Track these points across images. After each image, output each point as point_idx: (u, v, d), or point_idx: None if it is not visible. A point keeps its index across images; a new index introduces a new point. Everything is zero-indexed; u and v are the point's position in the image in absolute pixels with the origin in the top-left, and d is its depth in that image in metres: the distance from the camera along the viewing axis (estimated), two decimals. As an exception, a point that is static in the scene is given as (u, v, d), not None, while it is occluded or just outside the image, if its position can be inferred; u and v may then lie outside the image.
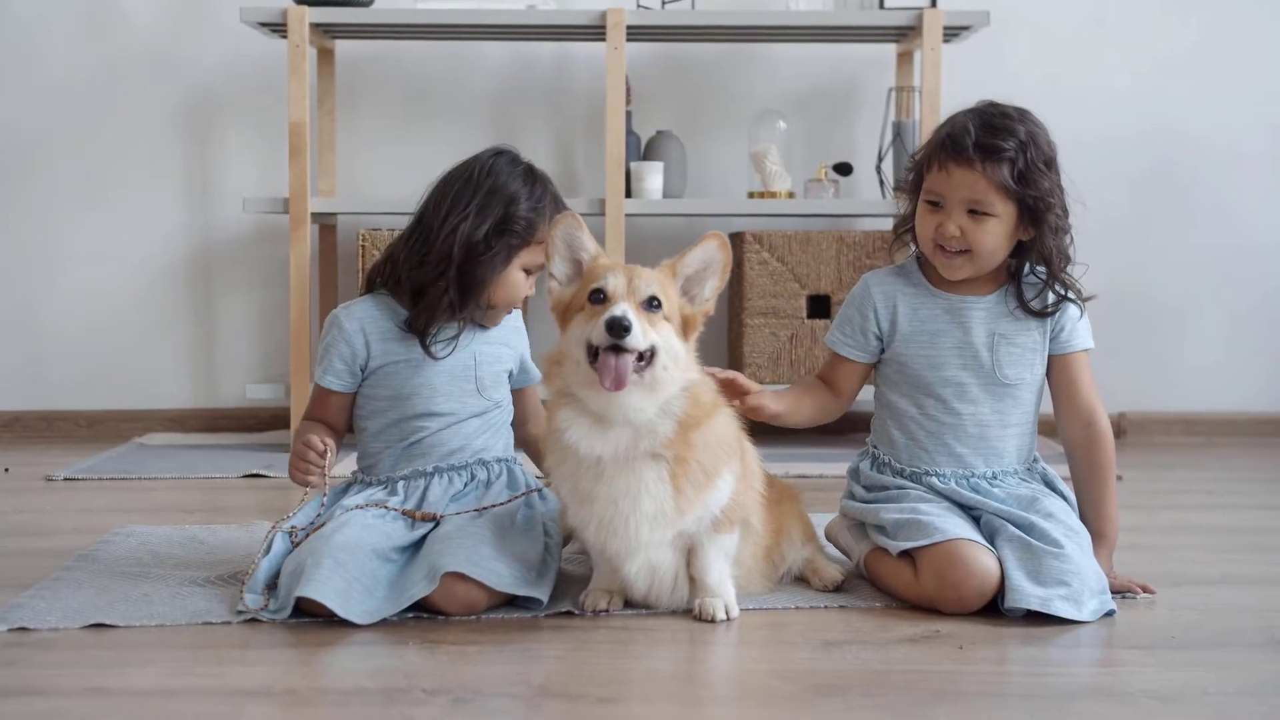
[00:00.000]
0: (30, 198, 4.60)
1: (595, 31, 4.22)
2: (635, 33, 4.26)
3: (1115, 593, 2.39)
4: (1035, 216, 2.41)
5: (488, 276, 2.48)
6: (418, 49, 4.62)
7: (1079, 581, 2.29)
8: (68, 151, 4.59)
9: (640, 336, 2.14)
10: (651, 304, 2.19)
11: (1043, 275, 2.47)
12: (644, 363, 2.17)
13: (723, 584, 2.31)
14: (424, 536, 2.41)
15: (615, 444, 2.20)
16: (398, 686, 1.95)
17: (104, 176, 4.60)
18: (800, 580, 2.54)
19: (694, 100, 4.66)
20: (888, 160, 4.38)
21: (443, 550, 2.29)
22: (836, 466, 3.56)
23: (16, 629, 2.20)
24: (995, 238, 2.41)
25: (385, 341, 2.51)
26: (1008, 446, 2.50)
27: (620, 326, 2.12)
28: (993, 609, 2.32)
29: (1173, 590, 2.50)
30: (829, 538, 2.69)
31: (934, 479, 2.47)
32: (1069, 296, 2.47)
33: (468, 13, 4.19)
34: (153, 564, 2.62)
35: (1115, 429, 2.82)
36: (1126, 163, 4.63)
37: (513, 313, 2.61)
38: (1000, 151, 2.37)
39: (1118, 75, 4.65)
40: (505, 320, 2.59)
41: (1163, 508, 3.39)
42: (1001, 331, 2.48)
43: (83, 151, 4.59)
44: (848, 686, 1.97)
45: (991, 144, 2.38)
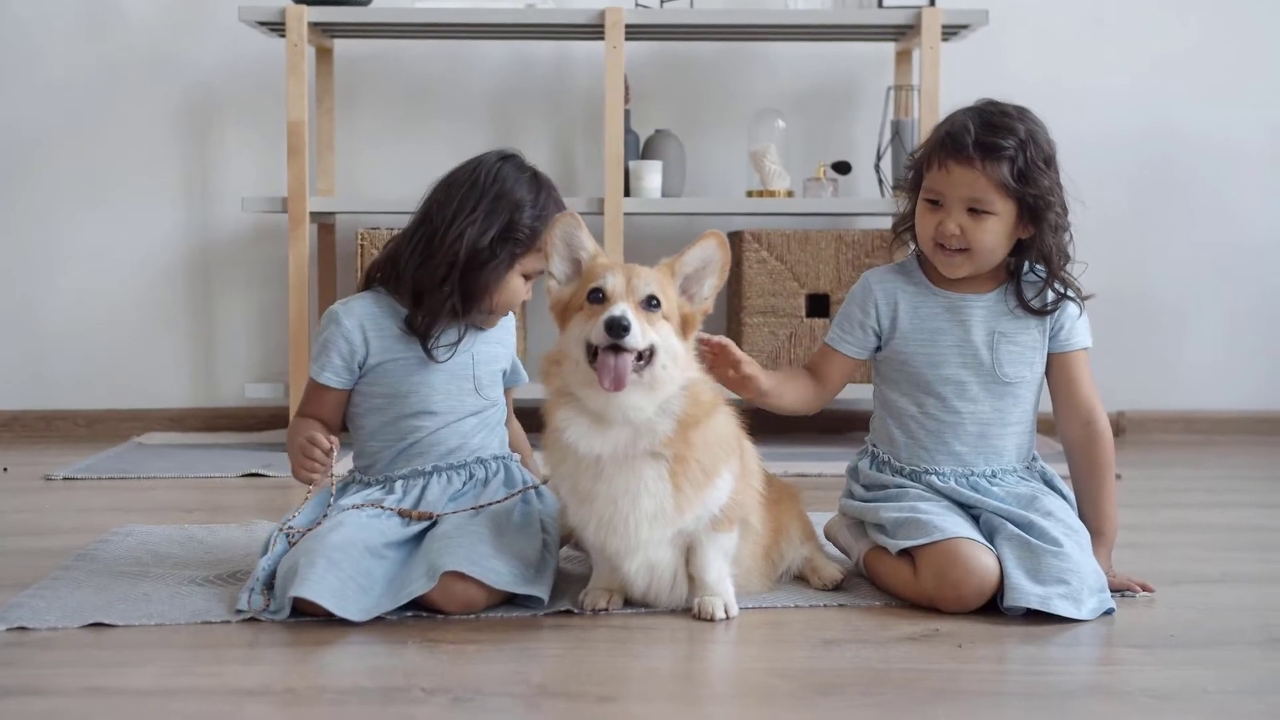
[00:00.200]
0: (29, 197, 4.59)
1: (594, 30, 4.22)
2: (634, 32, 4.26)
3: (1114, 591, 2.39)
4: (1035, 215, 2.41)
5: (491, 282, 2.48)
6: (416, 48, 4.61)
7: (1078, 580, 2.29)
8: (67, 151, 4.58)
9: (639, 336, 2.14)
10: (650, 303, 2.19)
11: (1042, 274, 2.47)
12: (643, 362, 2.16)
13: (722, 583, 2.31)
14: (421, 534, 2.41)
15: (614, 443, 2.20)
16: (397, 685, 1.95)
17: (103, 176, 4.59)
18: (799, 579, 2.54)
19: (693, 99, 4.66)
20: (886, 159, 4.38)
21: (442, 549, 2.29)
22: (835, 465, 3.55)
23: (15, 628, 2.20)
24: (995, 236, 2.41)
25: (384, 339, 2.50)
26: (1007, 445, 2.50)
27: (619, 326, 2.12)
28: (992, 608, 2.32)
29: (1172, 588, 2.49)
30: (828, 536, 2.69)
31: (933, 478, 2.47)
32: (1068, 295, 2.47)
33: (466, 12, 4.19)
34: (152, 563, 2.62)
35: (1115, 427, 2.81)
36: (1126, 161, 4.63)
37: (508, 313, 2.61)
38: (1000, 150, 2.37)
39: (1117, 74, 4.64)
40: (500, 320, 2.59)
41: (1162, 506, 3.39)
42: (1001, 330, 2.48)
43: (82, 151, 4.59)
44: (847, 685, 1.97)
45: (991, 142, 2.38)
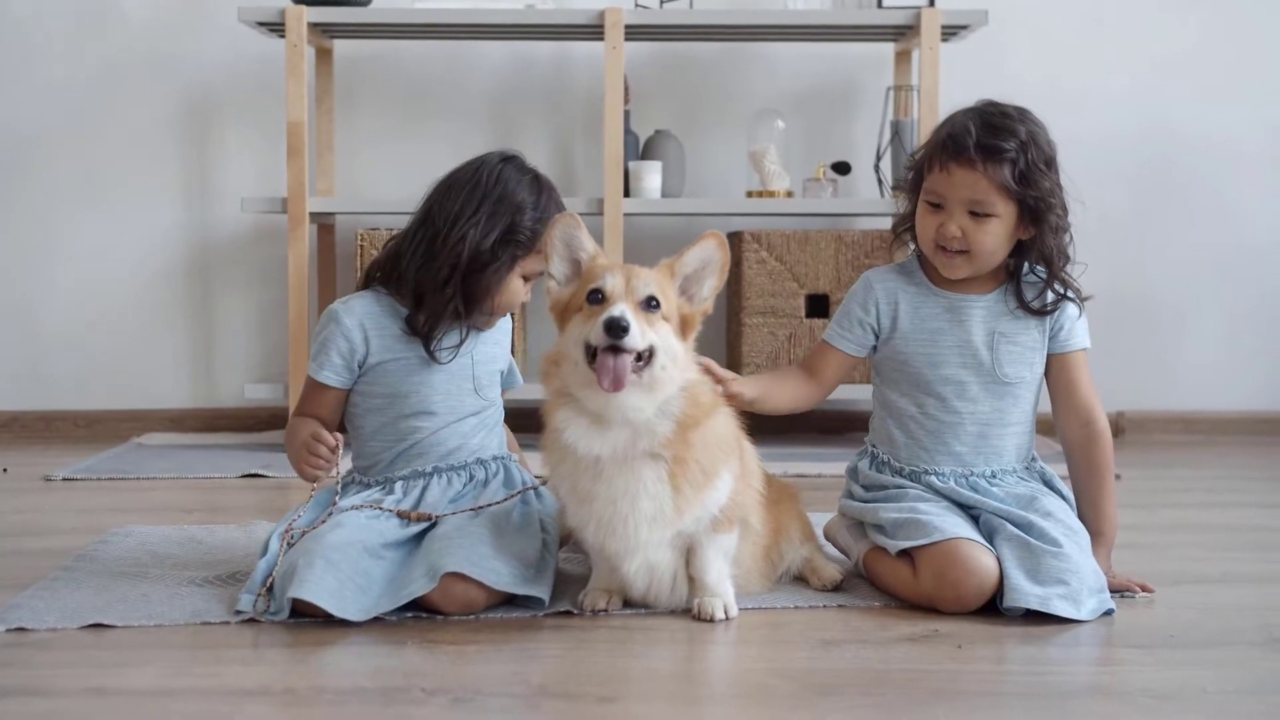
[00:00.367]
0: (29, 197, 4.59)
1: (593, 31, 4.22)
2: (633, 32, 4.26)
3: (1114, 592, 2.39)
4: (1036, 216, 2.41)
5: (492, 284, 2.48)
6: (416, 48, 4.62)
7: (1078, 580, 2.29)
8: (66, 151, 4.59)
9: (638, 337, 2.14)
10: (650, 304, 2.18)
11: (1042, 274, 2.47)
12: (642, 363, 2.16)
13: (721, 583, 2.31)
14: (420, 535, 2.40)
15: (614, 444, 2.20)
16: (396, 686, 1.95)
17: (102, 176, 4.60)
18: (799, 580, 2.53)
19: (692, 99, 4.66)
20: (886, 159, 4.38)
21: (442, 550, 2.29)
22: (835, 466, 3.56)
23: (15, 629, 2.20)
24: (996, 238, 2.41)
25: (384, 338, 2.50)
26: (1007, 445, 2.50)
27: (618, 327, 2.11)
28: (991, 608, 2.32)
29: (1171, 589, 2.49)
30: (828, 537, 2.69)
31: (933, 478, 2.47)
32: (1068, 295, 2.47)
33: (466, 12, 4.19)
34: (151, 564, 2.62)
35: (1114, 428, 2.82)
36: (1125, 162, 4.63)
37: (506, 314, 2.61)
38: (1001, 152, 2.37)
39: (1116, 75, 4.65)
40: (499, 321, 2.59)
41: (1161, 506, 3.39)
42: (1001, 330, 2.48)
43: (81, 151, 4.59)
44: (846, 686, 1.97)
45: (993, 144, 2.37)
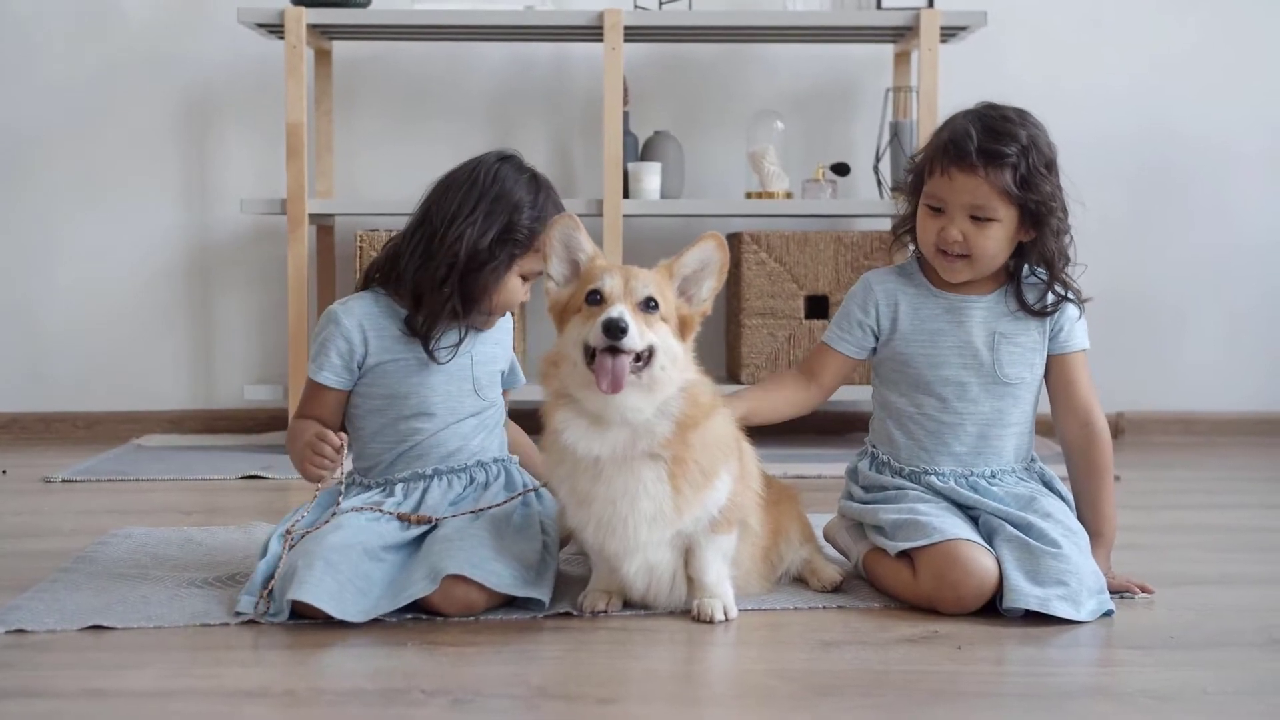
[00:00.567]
0: (28, 198, 4.59)
1: (593, 32, 4.22)
2: (633, 33, 4.26)
3: (1113, 593, 2.39)
4: (1037, 220, 2.41)
5: (490, 284, 2.48)
6: (415, 50, 4.62)
7: (1077, 581, 2.29)
8: (65, 152, 4.58)
9: (637, 338, 2.14)
10: (648, 305, 2.18)
11: (1043, 275, 2.47)
12: (641, 363, 2.16)
13: (721, 584, 2.31)
14: (420, 537, 2.40)
15: (613, 444, 2.20)
16: (396, 687, 1.95)
17: (102, 177, 4.59)
18: (799, 581, 2.53)
19: (692, 101, 4.66)
20: (885, 160, 4.38)
21: (443, 551, 2.29)
22: (835, 467, 3.56)
23: (14, 631, 2.20)
24: (997, 242, 2.41)
25: (383, 339, 2.50)
26: (1006, 446, 2.50)
27: (617, 328, 2.11)
28: (991, 609, 2.32)
29: (1171, 590, 2.49)
30: (827, 538, 2.69)
31: (933, 478, 2.47)
32: (1068, 297, 2.47)
33: (465, 13, 4.19)
34: (151, 565, 2.62)
35: (1114, 429, 2.82)
36: (1124, 163, 4.63)
37: (505, 314, 2.61)
38: (1003, 157, 2.37)
39: (1116, 75, 4.65)
40: (498, 321, 2.59)
41: (1161, 507, 3.39)
42: (1001, 331, 2.48)
43: (80, 152, 4.59)
44: (846, 687, 1.97)
45: (994, 149, 2.37)
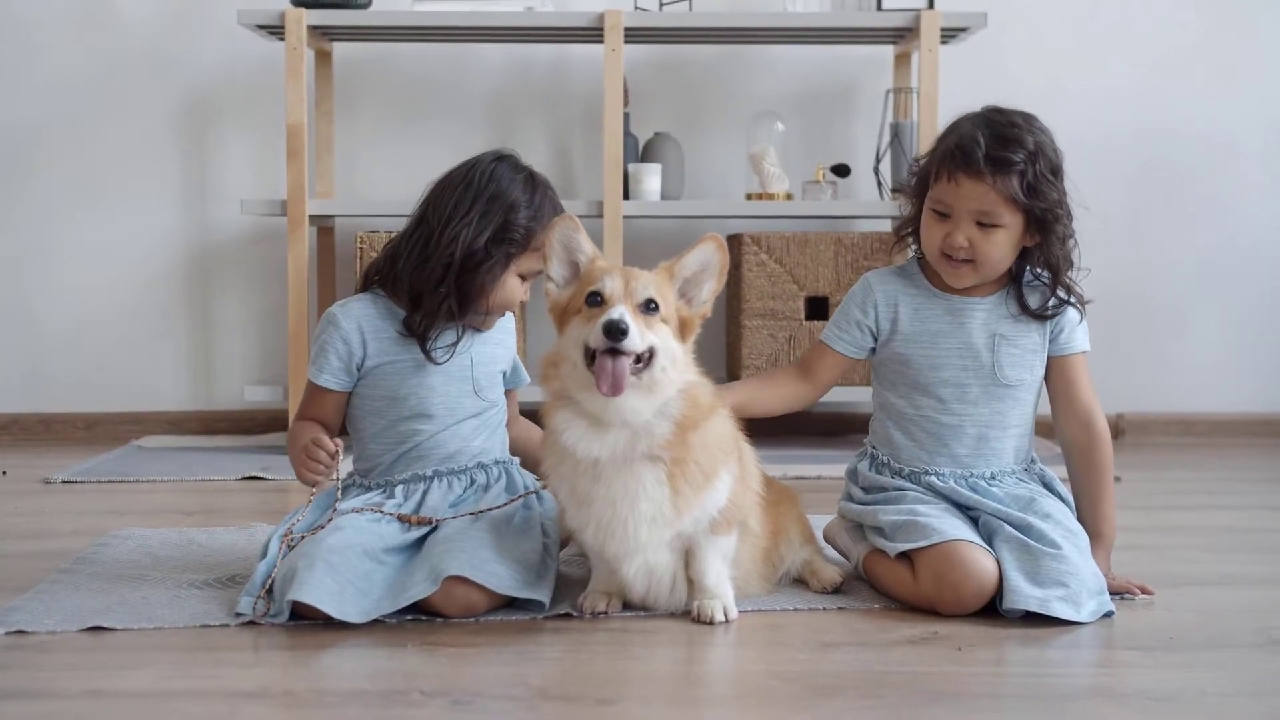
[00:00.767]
0: (28, 198, 4.59)
1: (593, 33, 4.22)
2: (633, 34, 4.26)
3: (1113, 594, 2.39)
4: (1043, 226, 2.40)
5: (487, 283, 2.48)
6: (415, 51, 4.62)
7: (1077, 582, 2.29)
8: (65, 152, 4.58)
9: (637, 339, 2.14)
10: (649, 306, 2.19)
11: (1045, 279, 2.47)
12: (642, 365, 2.16)
13: (721, 585, 2.31)
14: (420, 539, 2.40)
15: (613, 446, 2.20)
16: (396, 688, 1.95)
17: (102, 177, 4.59)
18: (799, 582, 2.53)
19: (692, 102, 4.66)
20: (885, 162, 4.38)
21: (444, 553, 2.29)
22: (835, 468, 3.55)
23: (14, 632, 2.20)
24: (1002, 248, 2.41)
25: (382, 341, 2.50)
26: (1006, 448, 2.50)
27: (617, 330, 2.12)
28: (991, 610, 2.32)
29: (1171, 591, 2.50)
30: (827, 539, 2.69)
31: (933, 479, 2.47)
32: (1070, 300, 2.47)
33: (465, 15, 4.19)
34: (151, 567, 2.62)
35: (1113, 430, 2.82)
36: (1124, 162, 4.63)
37: (505, 314, 2.61)
38: (1011, 164, 2.36)
39: (1115, 75, 4.65)
40: (499, 321, 2.59)
41: (1161, 508, 3.39)
42: (1002, 332, 2.48)
43: (80, 152, 4.59)
44: (846, 688, 1.97)
45: (1002, 156, 2.36)
